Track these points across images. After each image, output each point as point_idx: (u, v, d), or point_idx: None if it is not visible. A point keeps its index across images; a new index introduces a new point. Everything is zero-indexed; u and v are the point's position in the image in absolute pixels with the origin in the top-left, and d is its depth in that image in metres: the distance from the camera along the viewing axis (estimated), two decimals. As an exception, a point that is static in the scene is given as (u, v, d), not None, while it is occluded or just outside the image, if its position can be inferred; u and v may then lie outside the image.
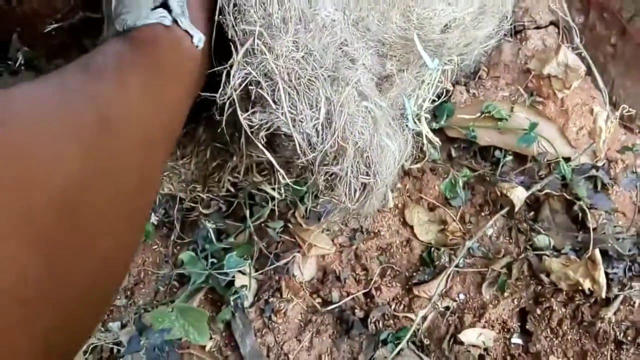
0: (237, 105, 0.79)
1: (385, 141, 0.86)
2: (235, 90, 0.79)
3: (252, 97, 0.81)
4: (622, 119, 1.14)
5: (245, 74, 0.80)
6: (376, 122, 0.86)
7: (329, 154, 0.81)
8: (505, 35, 1.13)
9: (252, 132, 0.82)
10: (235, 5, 0.84)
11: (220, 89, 0.80)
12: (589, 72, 1.18)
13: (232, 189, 1.04)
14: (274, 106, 0.79)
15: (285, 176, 0.86)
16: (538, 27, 1.21)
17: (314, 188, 0.87)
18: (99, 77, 0.57)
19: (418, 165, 1.08)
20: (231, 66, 0.79)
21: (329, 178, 0.85)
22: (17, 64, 1.30)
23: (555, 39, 1.20)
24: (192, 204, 1.08)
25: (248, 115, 0.81)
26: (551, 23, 1.22)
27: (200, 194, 1.05)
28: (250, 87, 0.79)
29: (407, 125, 0.97)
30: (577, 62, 1.13)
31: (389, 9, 0.91)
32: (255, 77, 0.79)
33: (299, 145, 0.80)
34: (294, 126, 0.79)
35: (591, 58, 1.19)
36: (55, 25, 1.49)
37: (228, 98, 0.79)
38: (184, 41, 0.76)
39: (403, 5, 0.91)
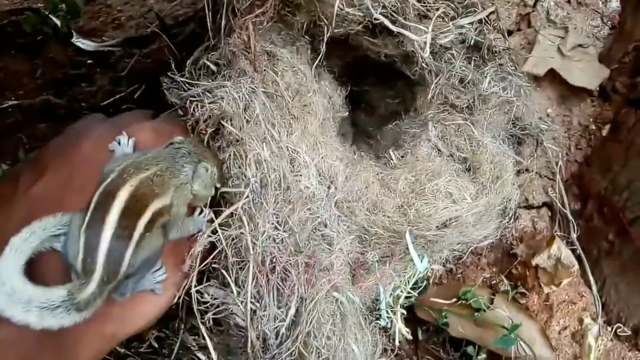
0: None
1: (352, 347, 0.72)
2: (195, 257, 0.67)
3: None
4: (618, 335, 1.02)
5: (211, 242, 0.68)
6: (345, 321, 0.72)
7: (283, 360, 0.67)
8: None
9: (199, 310, 0.69)
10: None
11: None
12: (580, 265, 1.07)
13: (156, 345, 0.90)
14: (234, 290, 0.66)
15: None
16: (529, 207, 1.12)
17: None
18: None
19: (383, 360, 0.93)
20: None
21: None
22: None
23: (548, 223, 1.10)
24: (106, 356, 0.90)
25: (201, 287, 0.68)
26: (544, 204, 1.12)
27: (117, 347, 0.87)
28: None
29: (378, 320, 0.84)
30: (570, 259, 1.02)
31: (384, 200, 0.80)
32: (224, 249, 0.67)
33: (251, 344, 0.66)
34: (251, 319, 0.66)
35: (583, 250, 1.09)
36: (14, 103, 1.39)
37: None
38: None
39: (402, 199, 0.81)
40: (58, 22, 1.57)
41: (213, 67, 0.78)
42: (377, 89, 1.07)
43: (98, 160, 0.66)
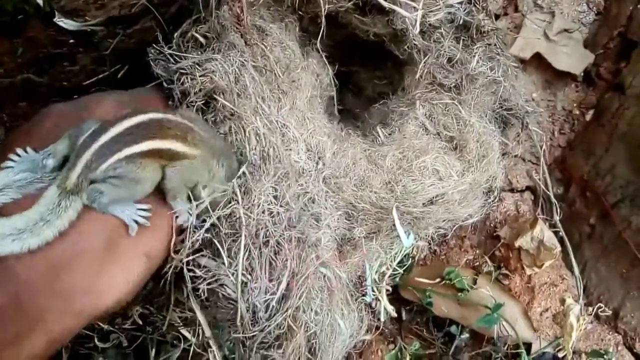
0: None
1: (339, 322, 0.72)
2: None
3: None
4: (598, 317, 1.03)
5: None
6: (332, 297, 0.72)
7: (272, 333, 0.67)
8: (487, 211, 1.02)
9: (191, 278, 0.68)
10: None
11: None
12: (562, 248, 1.08)
13: (140, 322, 0.87)
14: (226, 262, 0.66)
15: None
16: (513, 190, 1.12)
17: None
18: None
19: (367, 337, 0.93)
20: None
21: (264, 361, 0.70)
22: None
23: (531, 207, 1.11)
24: (88, 332, 0.88)
25: (193, 258, 0.67)
26: (527, 188, 1.13)
27: (100, 323, 0.86)
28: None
29: (364, 297, 0.84)
30: (553, 241, 1.02)
31: (372, 176, 0.80)
32: (215, 223, 0.66)
33: (241, 316, 0.65)
34: (242, 291, 0.65)
35: (566, 233, 1.10)
36: (-5, 81, 1.37)
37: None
38: None
39: (390, 176, 0.80)
40: (40, 1, 1.53)
41: (202, 39, 0.77)
42: (365, 70, 1.06)
43: (56, 136, 0.66)
